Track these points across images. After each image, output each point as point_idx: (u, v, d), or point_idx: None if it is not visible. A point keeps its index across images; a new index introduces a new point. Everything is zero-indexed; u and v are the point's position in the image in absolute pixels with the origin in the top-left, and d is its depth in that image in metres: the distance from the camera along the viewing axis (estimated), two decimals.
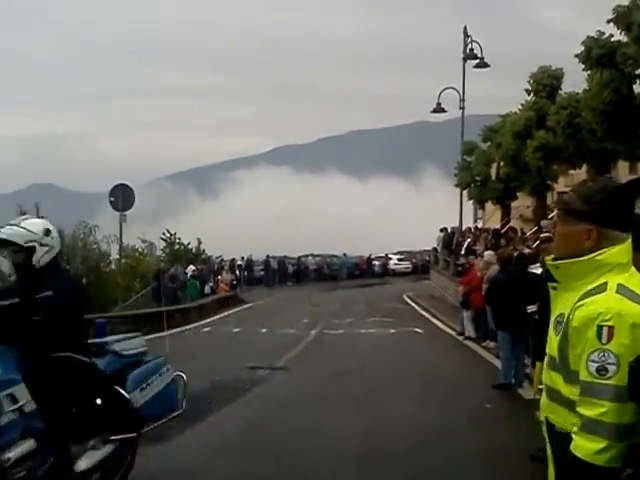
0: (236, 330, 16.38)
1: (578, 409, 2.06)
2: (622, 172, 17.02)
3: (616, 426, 1.97)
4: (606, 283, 2.09)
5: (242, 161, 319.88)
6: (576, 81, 17.41)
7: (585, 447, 1.99)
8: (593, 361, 2.02)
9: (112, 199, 17.65)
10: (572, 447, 2.04)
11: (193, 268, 28.90)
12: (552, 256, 2.30)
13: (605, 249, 2.13)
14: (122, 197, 17.64)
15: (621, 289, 2.07)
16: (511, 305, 8.02)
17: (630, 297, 2.06)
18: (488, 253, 12.62)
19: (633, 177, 16.21)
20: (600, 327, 2.02)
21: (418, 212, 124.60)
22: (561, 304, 2.21)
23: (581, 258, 2.15)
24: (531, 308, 6.95)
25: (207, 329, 17.10)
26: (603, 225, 2.14)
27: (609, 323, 2.02)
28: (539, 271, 7.00)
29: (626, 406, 1.98)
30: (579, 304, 2.10)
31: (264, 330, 15.90)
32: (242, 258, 37.84)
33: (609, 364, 2.00)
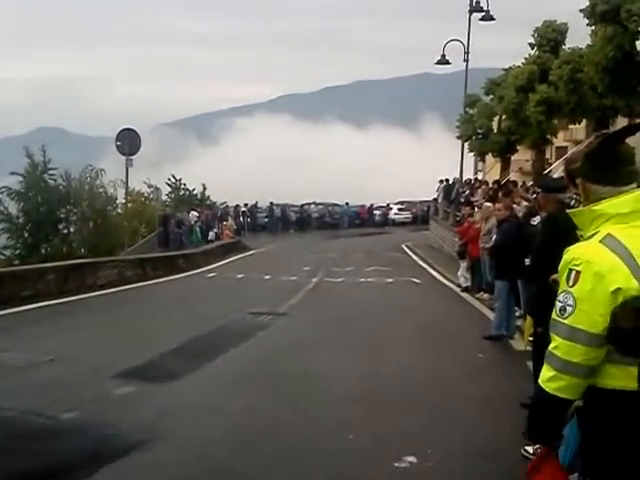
0: (240, 276, 16.67)
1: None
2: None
3: (564, 361, 2.10)
4: (598, 232, 2.15)
5: (245, 109, 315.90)
6: (580, 36, 17.42)
7: (542, 374, 2.17)
8: (559, 301, 2.14)
9: (118, 143, 17.64)
10: None
11: (195, 214, 29.28)
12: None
13: (604, 200, 2.17)
14: (128, 142, 17.63)
15: (607, 239, 2.11)
16: (513, 255, 8.00)
17: (612, 248, 2.09)
18: (487, 205, 12.78)
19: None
20: (570, 270, 2.12)
21: (419, 163, 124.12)
22: None
23: (581, 209, 2.24)
24: (527, 261, 6.80)
25: (212, 275, 17.39)
26: (590, 181, 2.24)
27: (578, 268, 2.10)
28: (536, 222, 7.06)
29: (576, 346, 2.08)
30: (568, 249, 2.19)
31: (267, 277, 16.15)
32: (245, 205, 38.19)
33: (568, 305, 2.10)
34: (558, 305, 2.15)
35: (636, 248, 2.08)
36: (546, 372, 2.17)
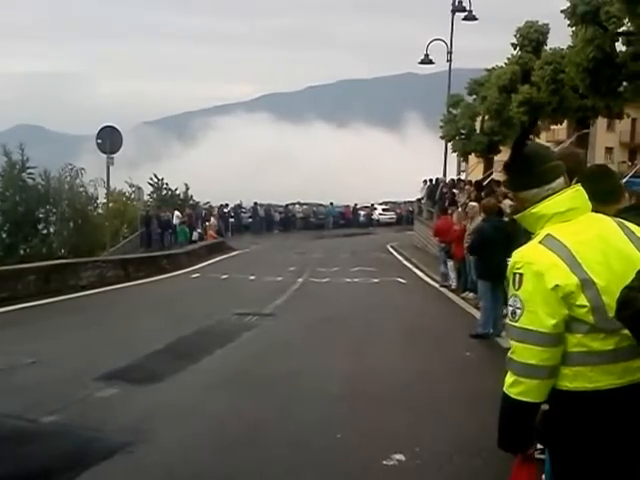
0: (224, 277, 16.56)
1: None
2: (600, 128, 17.37)
3: (520, 364, 2.11)
4: (540, 234, 2.18)
5: (227, 108, 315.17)
6: (562, 37, 17.53)
7: (505, 380, 2.18)
8: (510, 305, 2.16)
9: (99, 141, 17.22)
10: None
11: (178, 214, 29.07)
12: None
13: (542, 202, 2.20)
14: (110, 140, 17.23)
15: (546, 239, 2.14)
16: (493, 255, 8.07)
17: (551, 246, 2.11)
18: (472, 204, 12.84)
19: (609, 134, 16.50)
20: (514, 275, 2.15)
21: (402, 163, 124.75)
22: None
23: (524, 213, 2.26)
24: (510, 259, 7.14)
25: (196, 275, 17.27)
26: (516, 190, 2.32)
27: (520, 271, 2.12)
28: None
29: (528, 347, 2.09)
30: (513, 254, 2.20)
31: (252, 277, 16.08)
32: (226, 205, 37.98)
33: (517, 308, 2.12)
34: (509, 310, 2.17)
35: (574, 243, 2.11)
36: (508, 378, 2.17)
